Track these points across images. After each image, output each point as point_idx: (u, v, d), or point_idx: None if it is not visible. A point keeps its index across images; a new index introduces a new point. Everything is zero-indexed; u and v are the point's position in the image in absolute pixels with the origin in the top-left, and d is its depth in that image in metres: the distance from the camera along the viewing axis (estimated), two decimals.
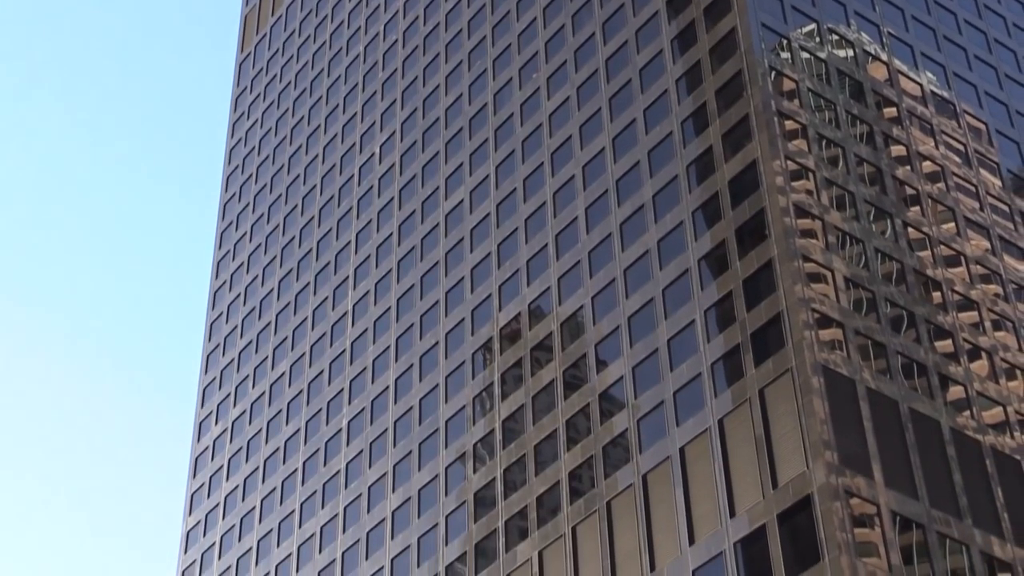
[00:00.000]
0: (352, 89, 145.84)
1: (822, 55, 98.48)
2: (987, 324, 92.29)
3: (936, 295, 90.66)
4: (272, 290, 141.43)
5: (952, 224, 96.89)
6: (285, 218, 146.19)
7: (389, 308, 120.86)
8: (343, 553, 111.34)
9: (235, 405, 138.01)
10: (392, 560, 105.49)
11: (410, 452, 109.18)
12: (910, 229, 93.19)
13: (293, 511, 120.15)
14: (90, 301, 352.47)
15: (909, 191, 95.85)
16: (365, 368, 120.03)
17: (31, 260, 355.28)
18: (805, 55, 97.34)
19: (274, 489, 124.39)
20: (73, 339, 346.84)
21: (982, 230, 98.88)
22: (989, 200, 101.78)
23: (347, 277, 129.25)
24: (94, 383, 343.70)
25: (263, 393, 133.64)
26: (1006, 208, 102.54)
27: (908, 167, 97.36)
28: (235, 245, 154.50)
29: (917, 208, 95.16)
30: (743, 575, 76.99)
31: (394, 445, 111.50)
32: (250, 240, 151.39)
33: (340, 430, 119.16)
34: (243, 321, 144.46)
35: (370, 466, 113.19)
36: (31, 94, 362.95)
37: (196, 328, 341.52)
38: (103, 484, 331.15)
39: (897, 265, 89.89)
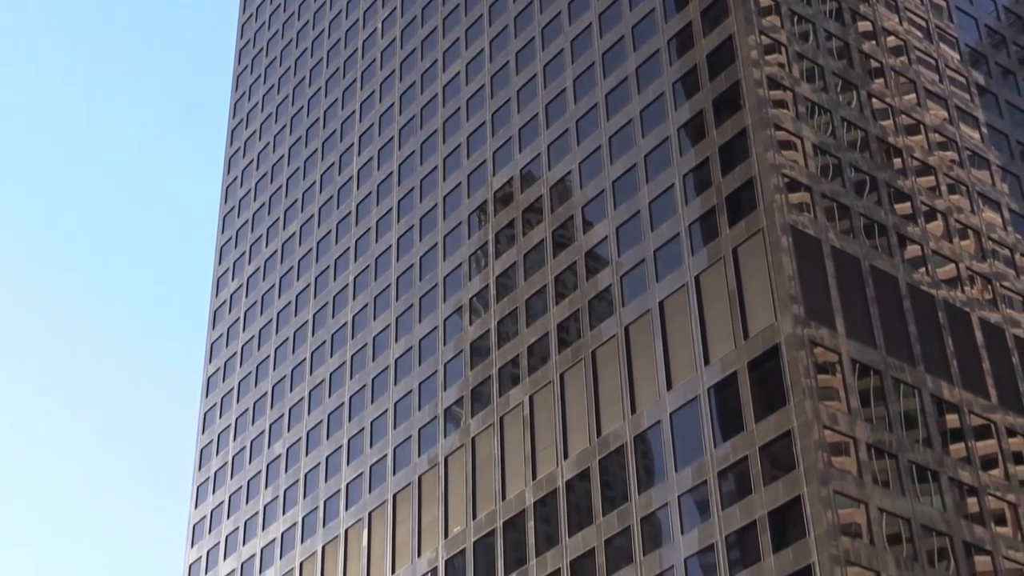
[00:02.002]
0: None
1: None
2: (943, 188, 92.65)
3: (897, 161, 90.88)
4: (283, 156, 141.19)
5: (913, 95, 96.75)
6: (294, 89, 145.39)
7: (391, 173, 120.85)
8: (350, 397, 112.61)
9: (250, 262, 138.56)
10: (395, 404, 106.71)
11: (411, 305, 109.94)
12: (874, 100, 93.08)
13: (304, 359, 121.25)
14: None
15: (874, 64, 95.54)
16: (369, 228, 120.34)
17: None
18: None
19: (287, 339, 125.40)
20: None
21: (940, 101, 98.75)
22: (948, 73, 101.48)
23: (352, 144, 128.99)
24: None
25: (275, 252, 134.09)
26: (963, 80, 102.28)
27: (873, 41, 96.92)
28: (248, 114, 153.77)
29: (881, 80, 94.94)
30: (716, 417, 78.13)
31: (396, 299, 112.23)
32: (261, 109, 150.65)
33: (347, 285, 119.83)
34: (256, 185, 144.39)
35: (375, 318, 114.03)
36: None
37: (212, 194, 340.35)
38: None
39: (862, 133, 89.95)
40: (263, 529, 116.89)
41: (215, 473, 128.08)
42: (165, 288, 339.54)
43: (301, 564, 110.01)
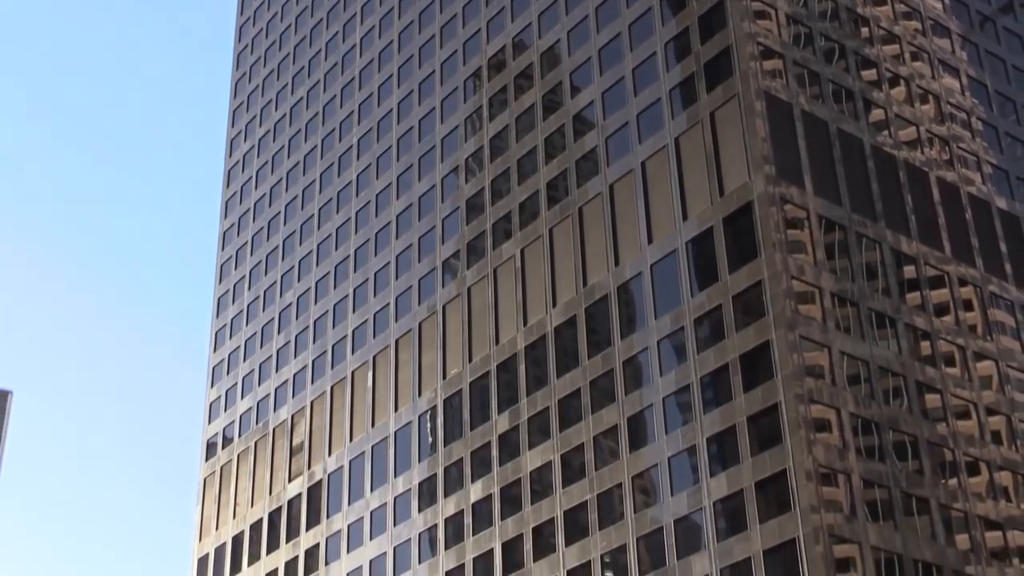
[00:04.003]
0: None
1: None
2: (907, 55, 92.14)
3: (864, 30, 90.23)
4: (290, 25, 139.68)
5: None
6: None
7: (392, 41, 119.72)
8: (356, 250, 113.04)
9: (261, 125, 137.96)
10: (397, 256, 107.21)
11: (411, 165, 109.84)
12: None
13: (313, 215, 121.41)
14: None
15: None
16: (372, 93, 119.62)
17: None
18: None
19: (296, 196, 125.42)
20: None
21: None
22: None
23: (354, 14, 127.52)
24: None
25: (284, 115, 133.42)
26: None
27: None
28: (255, 11, 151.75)
29: None
30: (693, 269, 78.78)
31: (398, 159, 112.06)
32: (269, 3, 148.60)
33: (351, 146, 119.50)
34: (265, 53, 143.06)
35: (377, 177, 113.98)
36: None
37: (223, 63, 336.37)
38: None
39: (831, 4, 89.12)
40: (276, 371, 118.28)
41: (232, 320, 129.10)
42: (182, 153, 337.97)
43: (312, 403, 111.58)
